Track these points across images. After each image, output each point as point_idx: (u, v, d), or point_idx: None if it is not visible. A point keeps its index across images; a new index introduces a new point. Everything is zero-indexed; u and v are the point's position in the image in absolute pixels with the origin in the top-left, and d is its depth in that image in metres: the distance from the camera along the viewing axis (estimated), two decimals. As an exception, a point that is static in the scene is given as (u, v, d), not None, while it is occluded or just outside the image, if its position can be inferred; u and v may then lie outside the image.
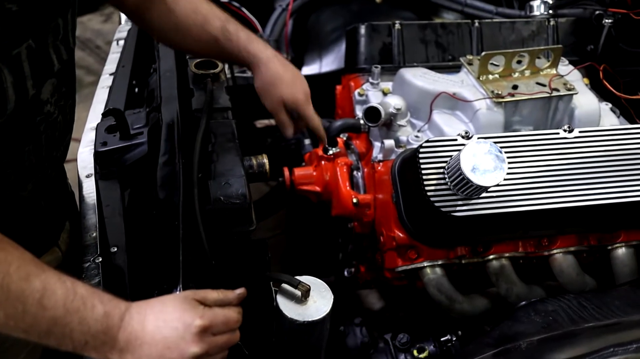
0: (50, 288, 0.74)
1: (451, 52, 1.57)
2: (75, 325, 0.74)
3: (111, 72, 1.60)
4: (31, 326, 0.73)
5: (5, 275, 0.72)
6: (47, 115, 0.92)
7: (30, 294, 0.72)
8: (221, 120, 1.12)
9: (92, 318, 0.75)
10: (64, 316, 0.74)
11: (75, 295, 0.74)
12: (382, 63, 1.54)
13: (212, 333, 0.79)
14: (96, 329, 0.75)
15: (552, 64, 1.39)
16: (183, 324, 0.77)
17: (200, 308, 0.79)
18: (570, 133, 1.19)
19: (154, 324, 0.77)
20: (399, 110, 1.33)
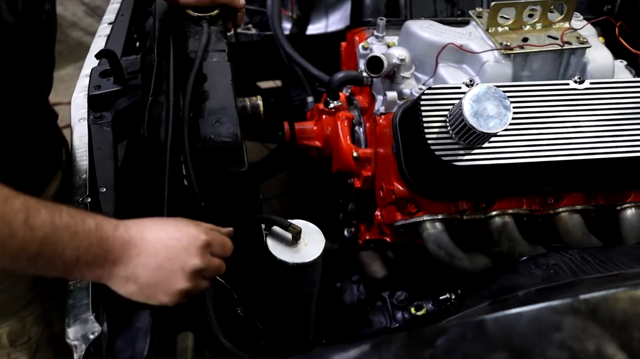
0: (33, 207, 0.70)
1: (460, 7, 1.52)
2: (67, 241, 0.70)
3: (110, 21, 1.57)
4: (20, 250, 0.69)
5: None
6: (47, 13, 0.93)
7: (14, 216, 0.69)
8: (216, 61, 1.08)
9: (83, 231, 0.71)
10: (54, 233, 0.70)
11: (62, 212, 0.71)
12: (388, 16, 1.48)
13: (211, 252, 0.78)
14: (89, 242, 0.72)
15: (566, 17, 1.33)
16: (188, 237, 0.76)
17: (203, 226, 0.79)
18: (580, 85, 1.14)
19: (156, 234, 0.75)
20: (403, 61, 1.29)
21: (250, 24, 1.94)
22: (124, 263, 0.74)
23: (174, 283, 0.74)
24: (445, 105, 1.09)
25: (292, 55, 1.66)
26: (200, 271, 0.76)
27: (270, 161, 1.90)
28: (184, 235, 0.76)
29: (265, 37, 1.87)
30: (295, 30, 1.93)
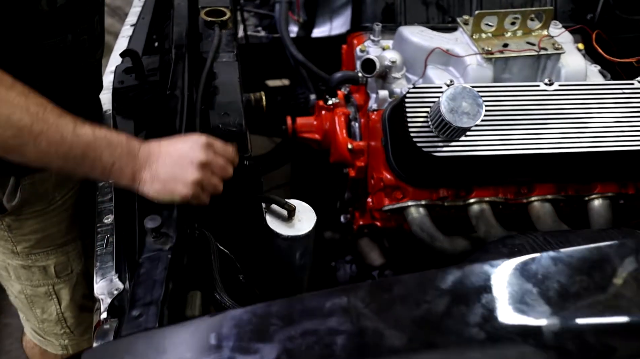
0: (78, 122, 0.91)
1: (451, 14, 1.65)
2: (105, 148, 0.91)
3: (132, 23, 1.73)
4: (69, 151, 0.89)
5: (43, 110, 0.88)
6: None
7: (66, 125, 0.89)
8: (226, 61, 1.23)
9: (117, 142, 0.92)
10: (95, 141, 0.91)
11: (100, 128, 0.92)
12: (385, 22, 1.63)
13: (211, 171, 0.96)
14: (121, 150, 0.92)
15: (544, 25, 1.46)
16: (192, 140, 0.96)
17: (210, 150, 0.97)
18: (550, 86, 1.28)
19: (169, 144, 0.96)
20: (394, 63, 1.43)
21: (260, 26, 2.09)
22: (148, 166, 0.94)
23: (188, 174, 0.94)
24: (427, 103, 1.23)
25: (296, 56, 1.81)
26: (206, 164, 0.95)
27: (275, 153, 2.05)
28: (189, 140, 0.97)
29: (273, 39, 2.01)
30: (302, 33, 2.08)
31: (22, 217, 1.21)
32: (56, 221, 1.26)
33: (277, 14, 1.94)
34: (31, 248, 1.26)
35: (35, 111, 0.87)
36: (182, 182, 0.94)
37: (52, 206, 1.23)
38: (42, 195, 1.20)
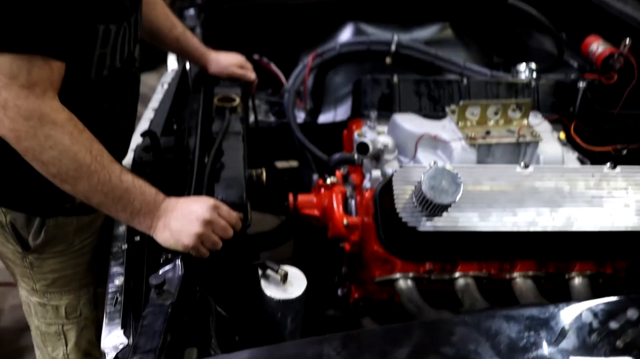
0: (124, 169, 1.13)
1: (442, 104, 1.82)
2: (138, 195, 1.12)
3: (154, 107, 1.92)
4: (111, 191, 1.10)
5: (101, 155, 1.10)
6: (135, 69, 1.36)
7: (114, 170, 1.10)
8: (233, 141, 1.38)
9: (148, 193, 1.14)
10: (133, 188, 1.12)
11: (139, 178, 1.15)
12: (381, 110, 1.79)
13: (212, 229, 1.12)
14: (149, 200, 1.13)
15: (523, 115, 1.61)
16: (202, 201, 1.15)
17: (215, 211, 1.13)
18: (526, 169, 1.40)
19: (184, 202, 1.16)
20: (386, 147, 1.57)
21: (271, 112, 2.28)
22: (163, 217, 1.13)
23: (192, 227, 1.11)
24: (412, 182, 1.35)
25: (301, 140, 1.97)
26: (209, 222, 1.12)
27: (280, 230, 2.17)
28: (201, 200, 1.15)
29: (282, 123, 2.19)
30: (309, 119, 2.26)
31: (43, 256, 1.37)
32: (73, 264, 1.41)
33: (286, 101, 2.13)
34: (48, 286, 1.41)
35: (96, 154, 1.08)
36: (186, 234, 1.10)
37: (71, 249, 1.39)
38: (63, 237, 1.37)
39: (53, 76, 1.07)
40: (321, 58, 2.19)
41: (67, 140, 1.05)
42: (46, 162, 1.06)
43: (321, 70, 2.26)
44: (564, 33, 2.22)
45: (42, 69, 1.04)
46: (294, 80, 2.18)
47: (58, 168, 1.06)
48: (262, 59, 2.30)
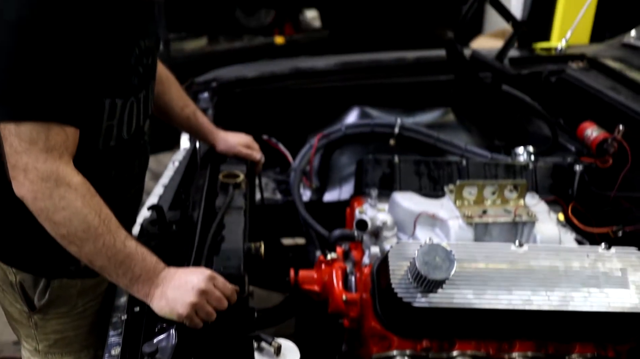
0: (129, 235, 1.19)
1: (441, 184, 1.86)
2: (139, 261, 1.17)
3: (164, 184, 1.99)
4: (113, 256, 1.15)
5: (109, 219, 1.16)
6: (144, 141, 1.44)
7: (120, 234, 1.16)
8: (235, 216, 1.44)
9: (149, 261, 1.18)
10: (135, 254, 1.17)
11: (142, 245, 1.20)
12: (382, 189, 1.85)
13: (207, 299, 1.15)
14: (149, 268, 1.17)
15: (519, 196, 1.65)
16: (198, 271, 1.19)
17: (211, 282, 1.18)
18: (520, 248, 1.42)
19: (182, 272, 1.20)
20: (385, 224, 1.61)
21: (277, 190, 2.34)
22: (161, 285, 1.17)
23: (187, 297, 1.15)
24: (408, 258, 1.38)
25: (305, 217, 2.02)
26: (204, 292, 1.15)
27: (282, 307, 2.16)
28: (198, 271, 1.19)
29: (287, 201, 2.25)
30: (314, 198, 2.31)
31: (47, 316, 1.41)
32: (75, 326, 1.44)
33: (292, 180, 2.20)
34: (50, 347, 1.44)
35: (104, 218, 1.15)
36: (181, 303, 1.14)
37: (74, 311, 1.43)
38: (67, 299, 1.41)
39: (68, 141, 1.17)
40: (327, 139, 2.28)
41: (79, 202, 1.13)
42: (58, 222, 1.13)
43: (327, 150, 2.34)
44: (562, 118, 2.30)
45: (58, 135, 1.15)
46: (300, 159, 2.26)
47: (68, 229, 1.13)
48: (271, 139, 2.40)
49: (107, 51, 1.25)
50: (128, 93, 1.32)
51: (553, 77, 2.44)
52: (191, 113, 1.78)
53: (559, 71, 2.44)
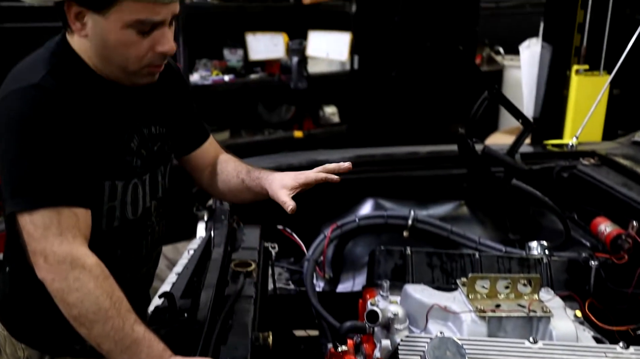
0: (138, 319, 1.21)
1: (454, 277, 1.85)
2: (145, 348, 1.18)
3: (177, 271, 2.02)
4: (121, 340, 1.17)
5: (120, 302, 1.18)
6: (152, 222, 1.49)
7: (129, 318, 1.18)
8: (244, 304, 1.44)
9: (156, 348, 1.19)
10: (142, 339, 1.18)
11: (150, 331, 1.22)
12: (394, 280, 1.83)
13: None
14: (155, 355, 1.18)
15: (533, 290, 1.63)
16: None
17: None
18: (534, 344, 1.39)
19: None
20: (396, 316, 1.59)
21: (291, 281, 2.34)
22: None
23: None
24: (418, 351, 1.35)
25: (317, 308, 2.00)
26: None
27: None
28: None
29: (300, 292, 2.24)
30: (328, 288, 2.30)
31: None
32: None
33: (305, 270, 2.20)
34: None
35: (115, 300, 1.17)
36: None
37: None
38: None
39: (80, 223, 1.23)
40: (341, 229, 2.30)
41: (92, 283, 1.16)
42: (71, 303, 1.16)
43: (341, 241, 2.35)
44: (575, 214, 2.30)
45: (69, 218, 1.21)
46: (314, 249, 2.27)
47: (79, 310, 1.16)
48: (285, 229, 2.42)
49: (102, 139, 1.34)
50: (129, 175, 1.40)
51: (565, 172, 2.47)
52: (245, 175, 1.73)
53: (571, 167, 2.47)
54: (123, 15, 1.27)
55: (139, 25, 1.29)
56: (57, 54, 1.37)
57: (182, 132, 1.71)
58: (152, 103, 1.54)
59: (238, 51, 5.11)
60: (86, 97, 1.34)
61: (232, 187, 1.76)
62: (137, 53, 1.33)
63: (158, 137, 1.53)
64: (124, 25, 1.28)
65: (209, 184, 1.82)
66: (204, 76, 4.93)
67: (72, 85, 1.32)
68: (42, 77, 1.29)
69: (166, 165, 1.59)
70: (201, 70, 4.99)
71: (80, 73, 1.37)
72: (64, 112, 1.26)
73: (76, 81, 1.34)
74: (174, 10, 1.34)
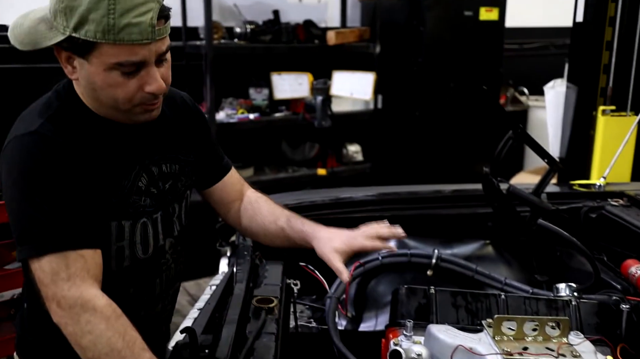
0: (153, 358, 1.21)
1: (480, 318, 1.81)
2: None
3: (199, 307, 2.01)
4: None
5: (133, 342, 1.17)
6: (166, 260, 1.47)
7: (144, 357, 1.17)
8: (266, 341, 1.42)
9: None
10: None
11: None
12: (418, 320, 1.80)
13: None
14: None
15: (562, 334, 1.58)
16: None
17: None
18: (564, 389, 1.34)
19: None
20: (420, 356, 1.55)
21: (312, 319, 2.31)
22: None
23: None
24: (443, 394, 1.31)
25: (339, 347, 1.97)
26: None
27: None
28: None
29: (322, 330, 2.20)
30: (350, 327, 2.26)
31: None
32: None
33: (327, 308, 2.17)
34: None
35: (128, 340, 1.16)
36: None
37: None
38: None
39: (88, 265, 1.23)
40: (363, 267, 2.28)
41: (104, 325, 1.15)
42: (84, 346, 1.15)
43: (364, 279, 2.33)
44: (604, 255, 2.25)
45: (76, 261, 1.21)
46: (336, 287, 2.25)
47: (93, 353, 1.14)
48: (307, 266, 2.41)
49: (105, 180, 1.35)
50: (137, 215, 1.39)
51: (593, 213, 2.43)
52: (285, 223, 1.73)
53: (599, 207, 2.43)
54: (104, 59, 1.27)
55: (120, 67, 1.29)
56: (60, 97, 1.40)
57: (201, 166, 1.70)
58: (161, 141, 1.53)
59: (263, 90, 5.20)
60: (86, 140, 1.35)
61: (268, 232, 1.75)
62: (125, 94, 1.33)
63: (170, 175, 1.52)
64: (106, 67, 1.29)
65: (237, 221, 1.81)
66: (230, 114, 5.02)
67: (71, 129, 1.34)
68: (40, 124, 1.31)
69: (181, 202, 1.58)
70: (227, 109, 5.08)
71: (81, 116, 1.38)
72: (63, 157, 1.28)
73: (76, 124, 1.36)
74: (157, 50, 1.31)
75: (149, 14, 1.25)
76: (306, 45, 5.22)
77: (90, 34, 1.23)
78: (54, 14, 1.25)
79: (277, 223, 1.74)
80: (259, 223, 1.74)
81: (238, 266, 1.96)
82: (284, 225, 1.73)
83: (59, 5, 1.24)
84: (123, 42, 1.24)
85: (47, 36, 1.26)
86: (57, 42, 1.26)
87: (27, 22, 1.30)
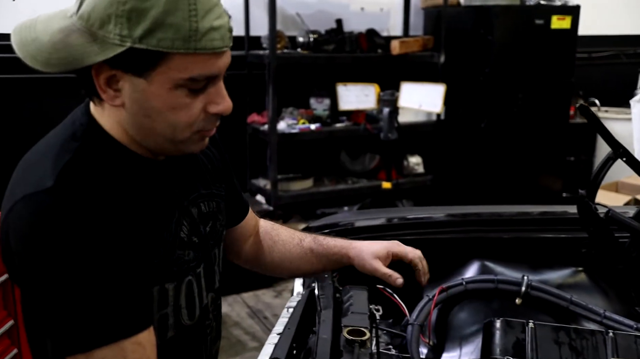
0: None
1: (584, 357, 1.66)
2: None
3: (278, 332, 1.93)
4: None
5: None
6: (210, 321, 1.29)
7: None
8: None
9: None
10: None
11: None
12: (515, 357, 1.67)
13: None
14: None
15: (688, 382, 1.42)
16: None
17: None
18: None
19: None
20: (527, 401, 1.42)
21: (391, 345, 2.19)
22: None
23: None
24: None
25: (425, 379, 1.85)
26: None
27: None
28: None
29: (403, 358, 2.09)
30: (431, 356, 2.14)
31: None
32: None
33: (409, 335, 2.05)
34: None
35: None
36: None
37: None
38: None
39: (147, 351, 1.02)
40: (447, 293, 2.15)
41: None
42: None
43: (446, 305, 2.20)
44: None
45: (135, 352, 1.00)
46: (418, 313, 2.13)
47: None
48: (386, 289, 2.30)
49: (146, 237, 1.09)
50: (182, 273, 1.17)
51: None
52: (312, 243, 1.59)
53: None
54: (172, 74, 1.02)
55: (191, 83, 1.04)
56: (77, 135, 1.08)
57: (227, 205, 1.47)
58: (194, 175, 1.28)
59: (325, 100, 5.15)
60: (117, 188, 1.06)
61: (294, 257, 1.60)
62: (187, 118, 1.08)
63: (209, 215, 1.30)
64: (174, 85, 1.03)
65: (253, 255, 1.63)
66: (291, 124, 4.98)
67: (97, 178, 1.04)
68: (57, 177, 1.00)
69: (220, 246, 1.37)
70: (287, 119, 5.05)
71: (107, 156, 1.09)
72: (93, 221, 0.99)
73: (102, 170, 1.06)
74: (227, 61, 1.08)
75: (225, 16, 1.04)
76: (369, 54, 5.14)
77: (166, 43, 0.96)
78: (102, 20, 0.96)
79: (302, 245, 1.59)
80: (281, 251, 1.58)
81: (320, 290, 1.87)
82: (311, 245, 1.58)
83: (116, 9, 0.95)
84: (205, 50, 1.01)
85: (91, 51, 0.96)
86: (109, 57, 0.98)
87: (42, 35, 0.99)
